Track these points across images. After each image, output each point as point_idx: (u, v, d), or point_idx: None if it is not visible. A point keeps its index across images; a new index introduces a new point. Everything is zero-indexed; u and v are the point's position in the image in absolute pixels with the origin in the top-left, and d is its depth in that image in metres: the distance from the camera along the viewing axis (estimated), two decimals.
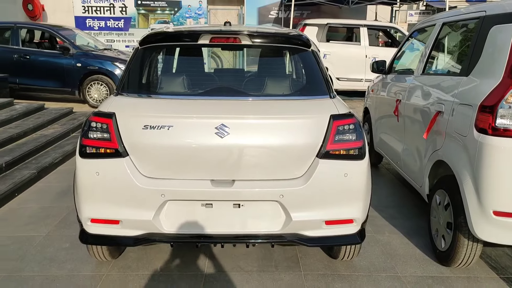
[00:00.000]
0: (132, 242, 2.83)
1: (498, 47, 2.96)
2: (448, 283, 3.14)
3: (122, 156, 2.73)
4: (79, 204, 2.84)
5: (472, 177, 2.91)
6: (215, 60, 13.12)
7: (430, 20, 4.45)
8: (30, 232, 3.86)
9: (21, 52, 9.87)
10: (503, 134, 2.75)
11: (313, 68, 3.13)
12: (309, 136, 2.76)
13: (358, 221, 2.87)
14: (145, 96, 3.08)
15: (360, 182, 2.83)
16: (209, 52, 12.64)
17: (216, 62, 13.12)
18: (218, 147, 2.70)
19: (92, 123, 2.78)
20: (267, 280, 3.15)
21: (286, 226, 2.78)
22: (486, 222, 2.85)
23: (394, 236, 3.85)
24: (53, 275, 3.18)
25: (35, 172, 5.12)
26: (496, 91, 2.80)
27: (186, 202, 2.77)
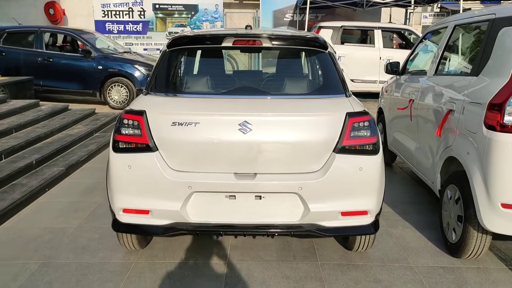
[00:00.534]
0: (161, 231, 3.04)
1: (506, 48, 3.12)
2: (458, 273, 3.30)
3: (152, 150, 2.94)
4: (112, 195, 3.06)
5: (481, 172, 3.07)
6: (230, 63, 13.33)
7: (443, 23, 4.61)
8: (62, 224, 4.10)
9: (44, 55, 10.23)
10: (510, 130, 2.90)
11: (330, 68, 3.32)
12: (326, 132, 2.95)
13: (372, 212, 3.04)
14: (172, 95, 3.31)
15: (374, 175, 3.00)
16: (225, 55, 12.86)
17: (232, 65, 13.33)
18: (241, 142, 2.90)
19: (124, 120, 3.01)
20: (285, 268, 3.34)
21: (304, 216, 2.96)
22: (494, 214, 3.01)
23: (407, 230, 4.01)
24: (86, 262, 3.41)
25: (63, 169, 5.39)
26: (504, 90, 2.96)
27: (211, 194, 2.97)
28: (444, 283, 3.16)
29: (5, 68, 9.94)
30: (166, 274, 3.25)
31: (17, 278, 3.18)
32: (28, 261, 3.42)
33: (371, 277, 3.23)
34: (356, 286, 3.12)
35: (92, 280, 3.17)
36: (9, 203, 4.25)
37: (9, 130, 6.05)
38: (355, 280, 3.19)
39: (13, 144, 5.56)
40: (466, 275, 3.27)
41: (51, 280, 3.16)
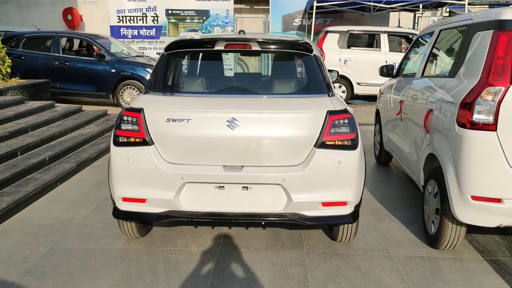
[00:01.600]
0: (157, 218, 3.33)
1: (478, 51, 3.34)
2: (434, 262, 3.51)
3: (148, 144, 3.24)
4: (112, 185, 3.36)
5: (454, 166, 3.29)
6: (241, 66, 13.67)
7: (431, 27, 4.83)
8: (71, 214, 4.42)
9: (61, 59, 10.67)
10: (479, 127, 3.12)
11: (314, 70, 3.58)
12: (308, 129, 3.20)
13: (351, 203, 3.28)
14: (169, 94, 3.61)
15: (352, 169, 3.24)
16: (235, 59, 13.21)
17: (242, 68, 13.67)
18: (229, 137, 3.17)
19: (124, 116, 3.31)
20: (273, 256, 3.59)
21: (287, 206, 3.22)
22: (465, 206, 3.22)
23: (393, 224, 4.23)
24: (90, 247, 3.72)
25: (74, 165, 5.73)
26: (473, 90, 3.18)
27: (202, 184, 3.24)
28: (419, 271, 3.38)
29: (24, 71, 10.40)
30: (162, 259, 3.54)
31: (27, 260, 3.50)
32: (37, 246, 3.74)
33: (351, 265, 3.46)
34: (336, 272, 3.36)
35: (94, 263, 3.47)
36: (23, 195, 4.59)
37: (25, 129, 6.43)
38: (336, 267, 3.43)
39: (28, 142, 5.93)
40: (442, 264, 3.48)
41: (58, 262, 3.47)
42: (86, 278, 3.25)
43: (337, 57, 11.37)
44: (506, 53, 3.11)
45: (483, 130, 3.11)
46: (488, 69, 3.17)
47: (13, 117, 6.75)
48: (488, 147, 3.10)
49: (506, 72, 3.08)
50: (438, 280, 3.26)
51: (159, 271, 3.35)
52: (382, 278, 3.28)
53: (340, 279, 3.25)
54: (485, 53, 3.23)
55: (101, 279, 3.24)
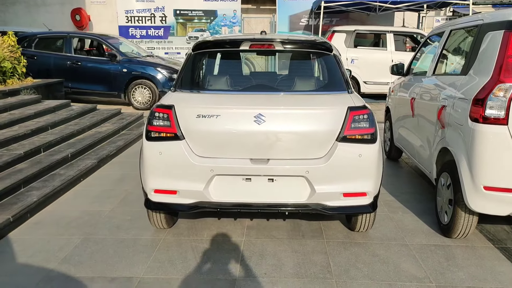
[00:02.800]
0: (187, 208, 3.54)
1: (490, 50, 3.54)
2: (448, 249, 3.72)
3: (179, 139, 3.44)
4: (145, 178, 3.56)
5: (467, 159, 3.49)
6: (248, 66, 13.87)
7: (441, 27, 5.03)
8: (98, 207, 4.63)
9: (73, 59, 10.90)
10: (491, 122, 3.32)
11: (334, 69, 3.78)
12: (330, 124, 3.41)
13: (371, 194, 3.49)
14: (196, 92, 3.81)
15: (372, 161, 3.45)
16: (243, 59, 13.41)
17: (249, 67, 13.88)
18: (256, 132, 3.37)
19: (156, 113, 3.51)
20: (295, 245, 3.80)
21: (311, 197, 3.43)
22: (478, 196, 3.42)
23: (406, 215, 4.44)
24: (121, 238, 3.93)
25: (95, 161, 5.94)
26: (486, 87, 3.38)
27: (230, 177, 3.45)
28: (434, 257, 3.58)
29: (36, 71, 10.59)
30: (191, 248, 3.74)
31: (63, 249, 3.71)
32: (71, 236, 3.95)
33: (370, 252, 3.67)
34: (356, 259, 3.56)
35: (127, 251, 3.68)
36: (51, 190, 4.80)
37: (45, 127, 6.64)
38: (356, 254, 3.64)
39: (50, 139, 6.13)
40: (455, 251, 3.69)
41: (93, 251, 3.68)
42: (121, 265, 3.46)
43: (344, 57, 11.54)
44: None
45: (495, 124, 3.31)
46: (499, 67, 3.37)
47: (32, 115, 6.96)
48: (499, 140, 3.30)
49: None
50: (452, 265, 3.46)
51: (189, 258, 3.56)
52: (400, 264, 3.48)
53: (360, 265, 3.46)
54: (496, 52, 3.43)
55: (135, 265, 3.45)
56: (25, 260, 3.54)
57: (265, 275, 3.32)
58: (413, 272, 3.37)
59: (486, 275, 3.34)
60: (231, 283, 3.22)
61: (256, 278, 3.28)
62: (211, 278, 3.28)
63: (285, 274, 3.33)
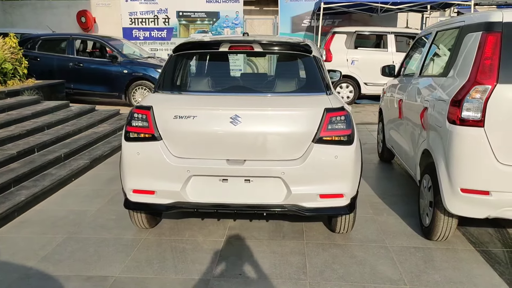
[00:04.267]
0: (164, 208, 3.57)
1: (468, 52, 3.52)
2: (427, 251, 3.70)
3: (157, 140, 3.47)
4: (124, 178, 3.60)
5: (445, 161, 3.48)
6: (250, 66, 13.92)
7: (429, 28, 5.01)
8: (85, 207, 4.68)
9: (75, 60, 11.02)
10: (468, 124, 3.31)
11: (313, 70, 3.79)
12: (306, 125, 3.41)
13: (347, 195, 3.49)
14: (177, 93, 3.84)
15: (348, 163, 3.45)
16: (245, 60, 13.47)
17: (252, 68, 13.93)
18: (232, 133, 3.39)
19: (134, 114, 3.55)
20: (274, 245, 3.81)
21: (287, 198, 3.44)
22: (456, 198, 3.41)
23: (391, 218, 4.42)
24: (103, 237, 3.97)
25: (88, 162, 6.00)
26: (463, 88, 3.37)
27: (206, 177, 3.47)
28: (412, 260, 3.57)
29: (39, 72, 10.74)
30: (170, 248, 3.77)
31: (45, 248, 3.76)
32: (54, 235, 4.00)
33: (348, 254, 3.67)
34: (333, 260, 3.56)
35: (107, 251, 3.72)
36: (40, 189, 4.86)
37: (41, 128, 6.72)
38: (334, 255, 3.64)
39: (44, 139, 6.21)
40: (434, 254, 3.67)
41: (73, 250, 3.72)
42: (99, 264, 3.50)
43: (344, 58, 11.55)
44: (493, 54, 3.28)
45: (472, 126, 3.29)
46: (476, 69, 3.35)
47: (30, 116, 7.05)
48: (476, 142, 3.28)
49: (493, 72, 3.26)
50: (429, 268, 3.44)
51: (167, 258, 3.58)
52: (377, 266, 3.47)
53: (336, 267, 3.46)
54: (474, 54, 3.41)
55: (113, 264, 3.49)
56: (5, 258, 3.59)
57: (240, 275, 3.34)
58: (389, 274, 3.36)
59: (462, 277, 3.31)
60: (205, 283, 3.24)
61: (230, 278, 3.30)
62: (186, 278, 3.31)
63: (259, 275, 3.34)
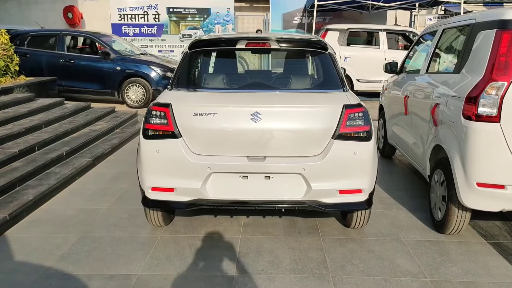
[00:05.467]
0: (184, 206, 3.57)
1: (482, 49, 3.59)
2: (442, 245, 3.78)
3: (176, 137, 3.46)
4: (142, 176, 3.58)
5: (460, 156, 3.55)
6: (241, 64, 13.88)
7: (434, 26, 5.09)
8: (94, 205, 4.64)
9: (66, 57, 10.85)
10: (483, 119, 3.38)
11: (329, 67, 3.82)
12: (325, 122, 3.44)
13: (366, 191, 3.53)
14: (193, 90, 3.83)
15: (367, 159, 3.49)
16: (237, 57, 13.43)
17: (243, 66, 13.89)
18: (252, 130, 3.41)
19: (153, 111, 3.53)
20: (291, 241, 3.84)
21: (307, 194, 3.47)
22: (471, 192, 3.48)
23: (401, 212, 4.49)
24: (118, 235, 3.94)
25: (90, 160, 5.94)
26: (478, 85, 3.44)
27: (227, 174, 3.48)
28: (428, 253, 3.64)
29: (29, 69, 10.54)
30: (188, 245, 3.77)
31: (60, 247, 3.72)
32: (67, 234, 3.96)
33: (365, 248, 3.72)
34: (352, 255, 3.61)
35: (124, 249, 3.70)
36: (46, 188, 4.80)
37: (39, 125, 6.62)
38: (352, 250, 3.69)
39: (44, 137, 6.12)
40: (449, 247, 3.75)
41: (90, 249, 3.69)
42: (119, 262, 3.48)
43: (337, 55, 11.60)
44: (508, 51, 3.36)
45: (488, 122, 3.37)
46: (491, 66, 3.42)
47: (26, 113, 6.93)
48: (492, 138, 3.36)
49: (508, 68, 3.34)
50: (446, 261, 3.52)
51: (187, 255, 3.58)
52: (395, 259, 3.54)
53: (356, 261, 3.50)
54: (489, 51, 3.48)
55: (133, 263, 3.47)
56: (22, 258, 3.55)
57: (263, 271, 3.36)
58: (408, 267, 3.42)
59: (479, 269, 3.40)
60: (229, 280, 3.25)
61: (254, 274, 3.32)
62: (208, 275, 3.31)
63: (282, 271, 3.37)
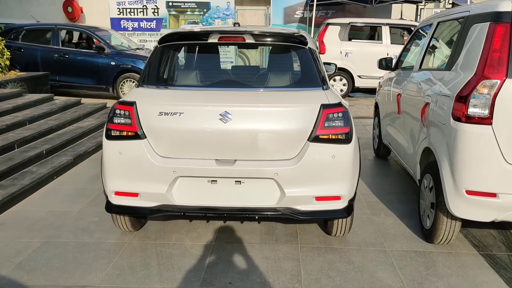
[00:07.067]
0: (149, 212, 3.32)
1: (475, 44, 3.29)
2: (429, 256, 3.49)
3: (140, 138, 3.21)
4: (105, 179, 3.34)
5: (449, 160, 3.25)
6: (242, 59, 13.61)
7: (429, 19, 4.77)
8: (66, 208, 4.41)
9: (60, 51, 10.64)
10: (474, 121, 3.08)
11: (309, 63, 3.53)
12: (301, 122, 3.17)
13: (345, 198, 3.25)
14: (162, 87, 3.57)
15: (346, 163, 3.21)
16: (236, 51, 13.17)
17: (244, 60, 13.63)
18: (221, 131, 3.14)
19: (116, 110, 3.28)
20: (267, 250, 3.57)
21: (280, 200, 3.20)
22: (460, 200, 3.19)
23: (389, 218, 4.21)
24: (84, 241, 3.71)
25: (71, 158, 5.72)
26: (469, 83, 3.14)
27: (194, 178, 3.22)
28: (413, 265, 3.36)
29: (23, 64, 10.38)
30: (155, 253, 3.52)
31: (20, 254, 3.49)
32: (31, 239, 3.73)
33: (345, 259, 3.44)
34: (330, 266, 3.34)
35: (87, 257, 3.46)
36: (18, 188, 4.58)
37: (23, 122, 6.42)
38: (330, 261, 3.41)
39: (25, 135, 5.92)
40: (436, 258, 3.46)
41: (51, 256, 3.46)
42: (78, 272, 3.24)
43: (338, 50, 11.30)
44: (502, 46, 3.06)
45: (479, 124, 3.07)
46: (484, 62, 3.12)
47: (10, 110, 6.74)
48: (483, 141, 3.06)
49: (502, 65, 3.03)
50: (432, 275, 3.23)
51: (152, 265, 3.34)
52: (376, 272, 3.26)
53: (333, 274, 3.23)
54: (481, 46, 3.18)
55: (93, 273, 3.23)
56: None
57: (230, 284, 3.10)
58: (389, 281, 3.14)
59: (467, 285, 3.11)
60: None
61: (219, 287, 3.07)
62: (171, 287, 3.06)
63: (250, 283, 3.11)
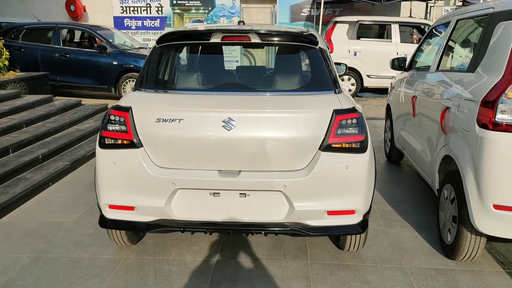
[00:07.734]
0: (145, 226, 3.04)
1: (502, 44, 2.99)
2: (451, 275, 3.20)
3: (137, 147, 2.94)
4: (99, 191, 3.07)
5: (474, 171, 2.96)
6: (248, 58, 13.32)
7: (447, 17, 4.47)
8: (60, 218, 4.15)
9: (61, 51, 10.40)
10: (503, 129, 2.78)
11: (319, 65, 3.24)
12: (312, 130, 2.88)
13: (360, 212, 2.97)
14: (161, 91, 3.28)
15: (361, 174, 2.92)
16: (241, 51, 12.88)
17: (249, 60, 13.34)
18: (224, 139, 2.86)
19: (111, 116, 3.01)
20: (274, 267, 3.30)
21: (289, 215, 2.91)
22: (487, 215, 2.90)
23: (405, 230, 3.91)
24: (77, 257, 3.45)
25: (68, 163, 5.46)
26: (496, 87, 2.84)
27: (195, 191, 2.94)
28: (434, 286, 3.07)
29: (24, 64, 10.16)
30: (153, 270, 3.26)
31: (7, 271, 3.23)
32: (21, 255, 3.48)
33: (359, 278, 3.16)
34: (343, 286, 3.06)
35: (79, 275, 3.20)
36: (10, 197, 4.33)
37: (19, 125, 6.17)
38: (343, 280, 3.13)
39: (21, 138, 5.67)
40: (459, 278, 3.16)
41: (40, 274, 3.20)
42: None
43: (346, 49, 10.98)
44: None
45: (507, 132, 2.77)
46: None
47: (7, 112, 6.50)
48: None
49: None
50: None
51: (149, 285, 3.07)
52: None
53: None
54: (509, 46, 2.89)
55: None
56: None
57: None
58: None
59: None
60: None
61: None
62: None
63: None
